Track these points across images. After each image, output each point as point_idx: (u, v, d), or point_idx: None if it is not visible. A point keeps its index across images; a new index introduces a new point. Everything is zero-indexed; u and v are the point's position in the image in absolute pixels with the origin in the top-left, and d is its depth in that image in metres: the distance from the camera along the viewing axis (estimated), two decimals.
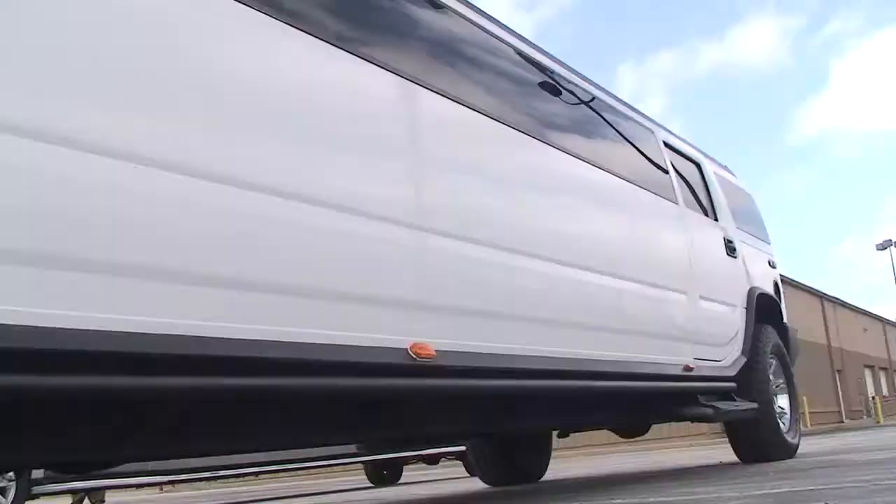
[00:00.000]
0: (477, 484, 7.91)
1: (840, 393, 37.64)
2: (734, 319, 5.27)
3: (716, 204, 5.60)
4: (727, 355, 5.04)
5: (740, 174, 6.68)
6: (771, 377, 5.52)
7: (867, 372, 44.19)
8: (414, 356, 2.61)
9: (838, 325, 39.29)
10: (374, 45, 2.84)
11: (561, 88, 4.10)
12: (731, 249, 5.47)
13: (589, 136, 4.34)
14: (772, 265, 6.38)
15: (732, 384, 5.02)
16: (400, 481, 11.64)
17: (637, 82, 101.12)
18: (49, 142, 1.78)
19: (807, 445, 9.90)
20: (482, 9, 3.68)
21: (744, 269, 5.60)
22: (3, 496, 6.96)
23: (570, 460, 13.45)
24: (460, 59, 3.44)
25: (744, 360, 5.19)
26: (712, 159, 6.14)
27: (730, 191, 6.07)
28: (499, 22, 3.79)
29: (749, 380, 5.22)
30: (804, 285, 35.62)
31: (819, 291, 37.54)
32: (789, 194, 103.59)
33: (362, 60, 2.70)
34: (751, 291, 5.56)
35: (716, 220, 5.48)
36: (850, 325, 41.36)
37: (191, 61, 2.11)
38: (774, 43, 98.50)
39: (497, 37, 3.72)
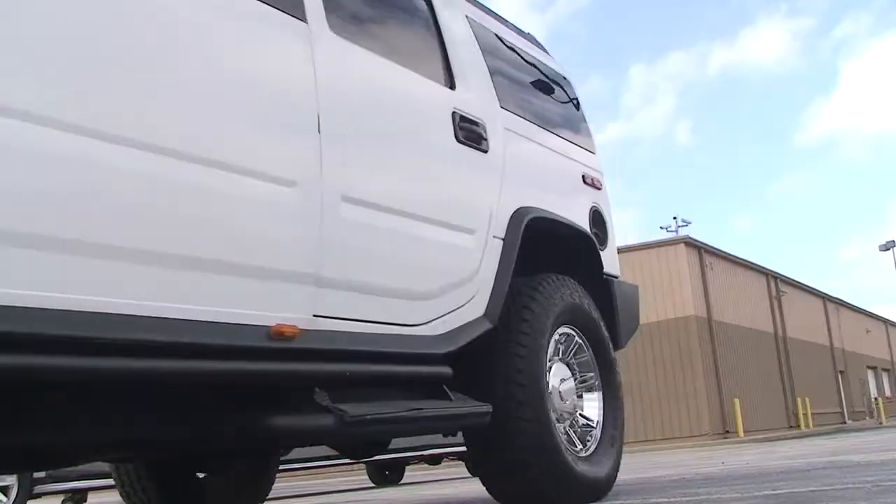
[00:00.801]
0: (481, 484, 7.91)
1: (842, 394, 37.66)
2: (464, 255, 3.20)
3: (453, 62, 3.49)
4: (437, 315, 3.02)
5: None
6: (553, 362, 3.44)
7: (870, 373, 44.19)
8: None
9: (841, 326, 39.30)
10: None
11: None
12: (471, 136, 3.36)
13: None
14: (591, 184, 4.22)
15: (443, 368, 3.00)
16: (402, 481, 11.66)
17: (648, 83, 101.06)
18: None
19: (809, 446, 9.92)
20: None
21: (503, 173, 3.51)
22: (6, 495, 6.98)
23: None
24: None
25: (486, 326, 3.18)
26: (491, 13, 4.11)
27: (508, 59, 4.03)
28: None
29: (493, 363, 3.23)
30: (807, 286, 35.66)
31: (822, 292, 37.56)
32: (796, 195, 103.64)
33: None
34: (517, 214, 3.48)
35: (450, 86, 3.42)
36: (852, 326, 41.34)
37: None
38: (785, 44, 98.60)
39: None
